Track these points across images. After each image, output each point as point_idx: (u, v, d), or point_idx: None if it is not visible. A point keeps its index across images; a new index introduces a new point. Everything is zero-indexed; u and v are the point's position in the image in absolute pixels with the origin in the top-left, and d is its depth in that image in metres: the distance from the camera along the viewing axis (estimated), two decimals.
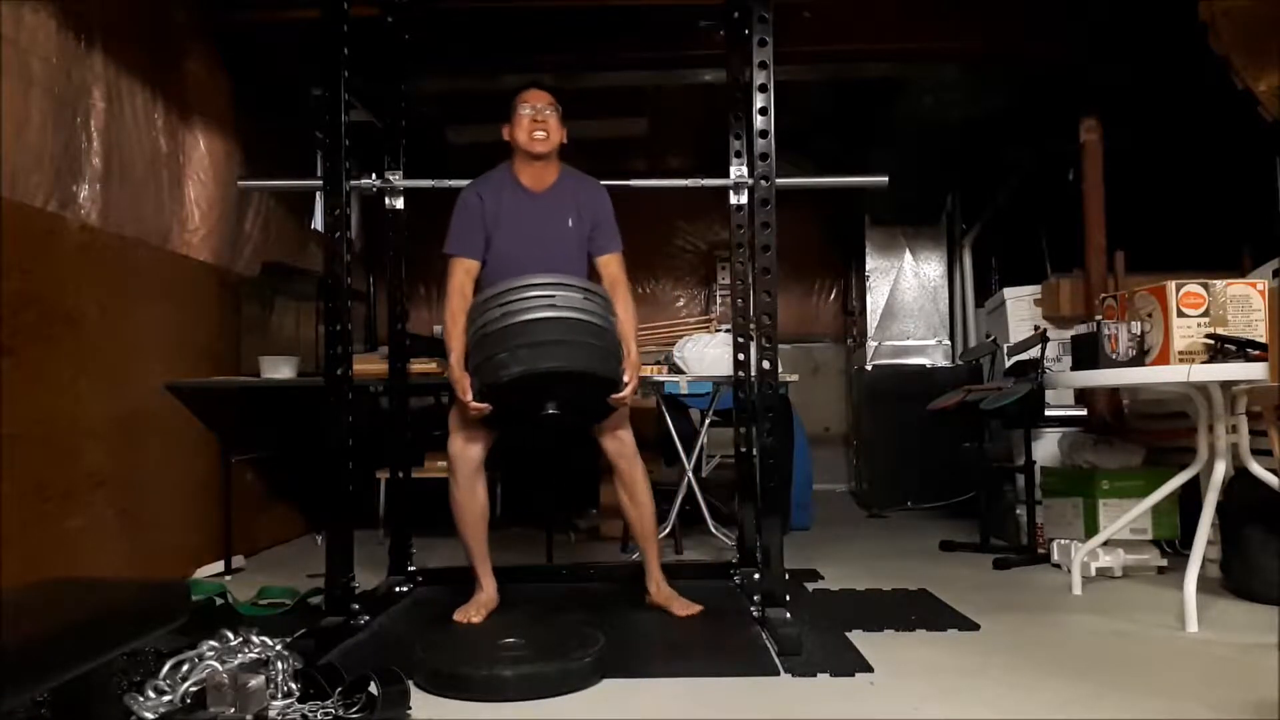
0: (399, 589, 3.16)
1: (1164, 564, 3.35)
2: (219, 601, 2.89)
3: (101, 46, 3.15)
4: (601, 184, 2.94)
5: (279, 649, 1.98)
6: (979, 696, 2.08)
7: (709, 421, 4.22)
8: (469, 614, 2.77)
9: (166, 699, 1.86)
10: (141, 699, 1.84)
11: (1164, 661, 2.35)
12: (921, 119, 4.81)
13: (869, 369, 5.69)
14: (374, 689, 1.91)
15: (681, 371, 3.72)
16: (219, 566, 3.68)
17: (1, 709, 1.43)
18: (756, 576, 2.90)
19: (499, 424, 2.74)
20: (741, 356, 3.25)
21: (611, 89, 4.76)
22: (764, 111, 2.70)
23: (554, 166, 2.89)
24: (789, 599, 2.64)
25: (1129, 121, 4.19)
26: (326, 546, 2.71)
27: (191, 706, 1.86)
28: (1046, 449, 3.96)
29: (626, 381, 2.67)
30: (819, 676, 2.22)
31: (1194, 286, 2.80)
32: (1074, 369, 3.22)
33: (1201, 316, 2.78)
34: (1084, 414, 4.03)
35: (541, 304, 2.55)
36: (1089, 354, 3.02)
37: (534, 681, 2.13)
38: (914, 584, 3.21)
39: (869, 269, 5.79)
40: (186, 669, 1.90)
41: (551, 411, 2.59)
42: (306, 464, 3.96)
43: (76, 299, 2.99)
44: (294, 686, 1.95)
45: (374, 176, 3.14)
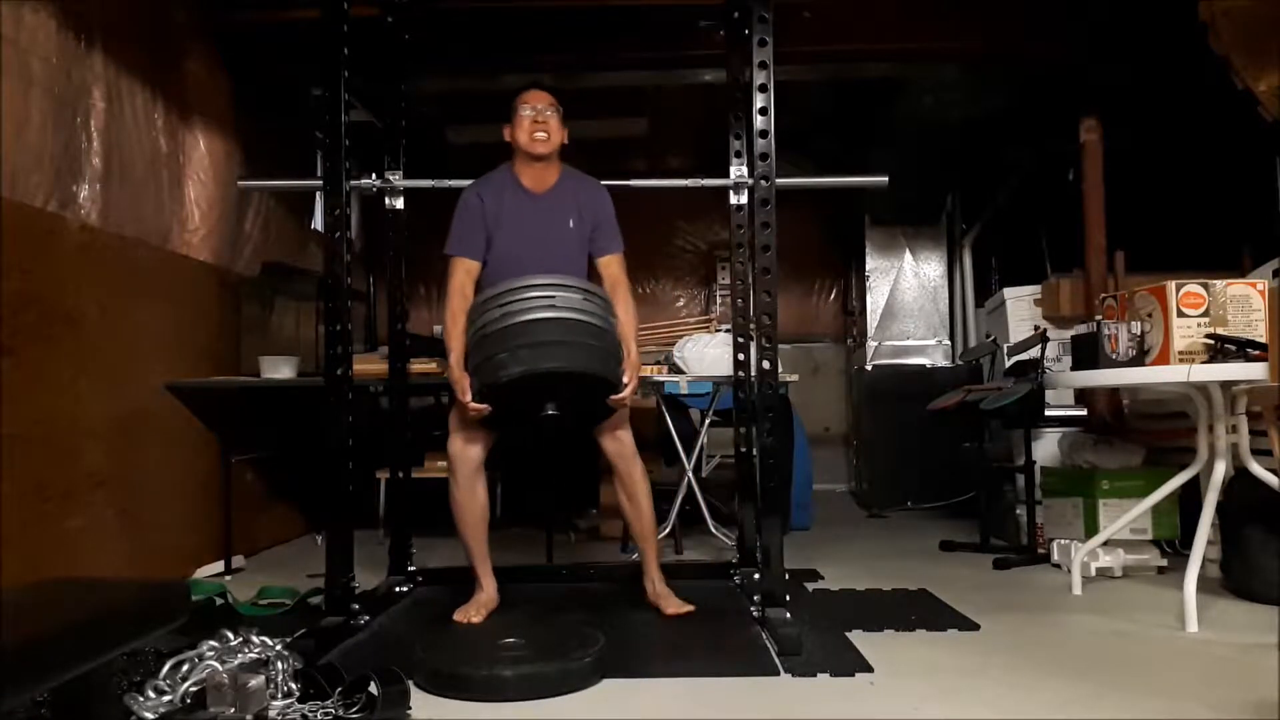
0: (399, 589, 3.16)
1: (1164, 564, 3.35)
2: (219, 601, 2.89)
3: (101, 46, 3.15)
4: (603, 185, 2.94)
5: (279, 649, 1.98)
6: (979, 696, 2.08)
7: (709, 421, 4.22)
8: (469, 614, 2.77)
9: (166, 699, 1.86)
10: (141, 699, 1.84)
11: (1164, 661, 2.35)
12: (921, 119, 4.81)
13: (869, 369, 5.69)
14: (374, 689, 1.91)
15: (681, 371, 3.72)
16: (219, 566, 3.68)
17: (1, 709, 1.43)
18: (756, 576, 2.90)
19: (499, 424, 2.74)
20: (741, 356, 3.25)
21: (611, 89, 4.76)
22: (764, 111, 2.70)
23: (555, 167, 2.89)
24: (789, 599, 2.64)
25: (1129, 121, 4.19)
26: (326, 546, 2.71)
27: (191, 706, 1.86)
28: (1046, 449, 3.96)
29: (626, 382, 2.67)
30: (819, 676, 2.22)
31: (1194, 286, 2.80)
32: (1074, 369, 3.22)
33: (1201, 316, 2.78)
34: (1084, 414, 4.02)
35: (541, 304, 2.55)
36: (1089, 354, 3.02)
37: (534, 681, 2.13)
38: (914, 584, 3.21)
39: (869, 269, 5.79)
40: (186, 669, 1.90)
41: (551, 412, 2.59)
42: (306, 464, 3.96)
43: (76, 299, 2.99)
44: (294, 686, 1.95)
45: (374, 176, 3.14)
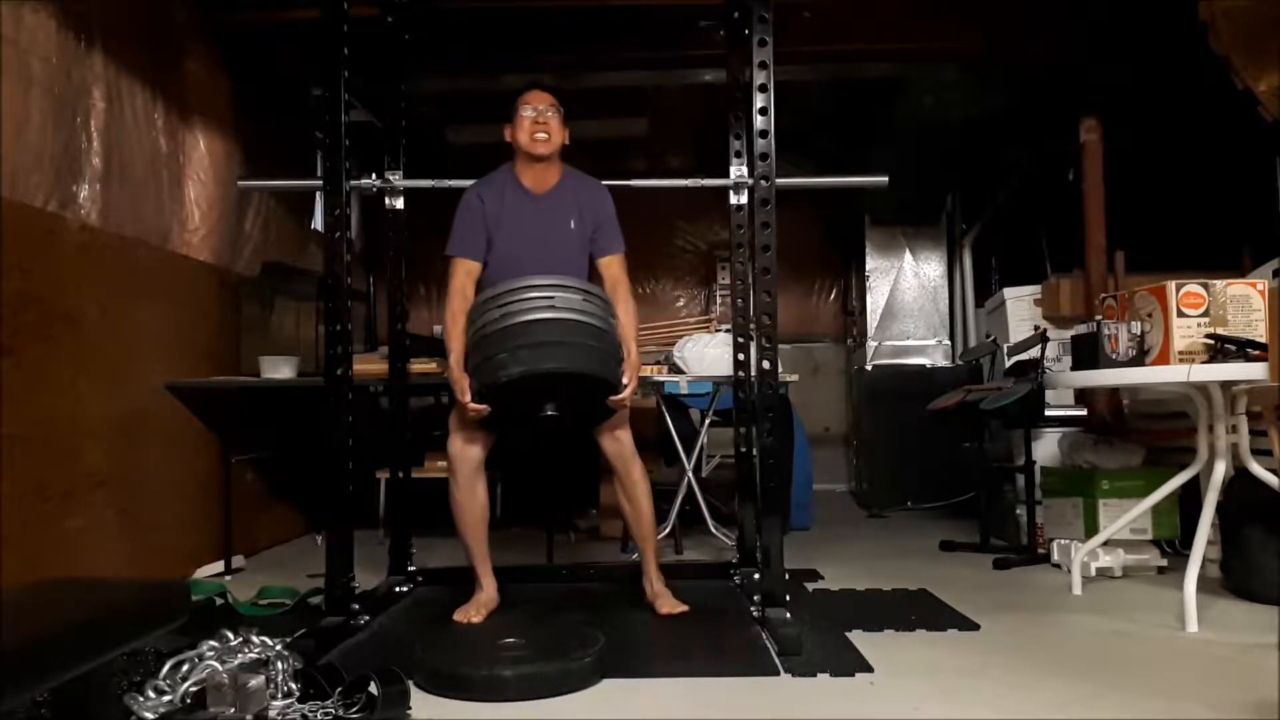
0: (399, 589, 3.16)
1: (1164, 564, 3.35)
2: (219, 601, 2.89)
3: (101, 46, 3.15)
4: (604, 185, 2.93)
5: (279, 649, 1.98)
6: (979, 696, 2.08)
7: (709, 421, 4.22)
8: (469, 614, 2.77)
9: (166, 699, 1.86)
10: (141, 699, 1.84)
11: (1164, 661, 2.35)
12: (921, 119, 4.81)
13: (869, 369, 5.69)
14: (374, 689, 1.91)
15: (681, 371, 3.72)
16: (219, 566, 3.68)
17: (1, 709, 1.43)
18: (756, 576, 2.90)
19: (498, 425, 2.74)
20: (741, 356, 3.25)
21: (611, 89, 4.76)
22: (764, 111, 2.70)
23: (556, 168, 2.88)
24: (789, 599, 2.64)
25: (1129, 121, 4.19)
26: (326, 546, 2.71)
27: (191, 706, 1.86)
28: (1046, 449, 3.96)
29: (625, 383, 2.67)
30: (819, 676, 2.22)
31: (1194, 286, 2.80)
32: (1074, 369, 3.22)
33: (1201, 316, 2.78)
34: (1084, 414, 4.02)
35: (541, 305, 2.55)
36: (1089, 354, 3.02)
37: (534, 681, 2.13)
38: (914, 584, 3.21)
39: (869, 269, 5.79)
40: (186, 669, 1.90)
41: (550, 413, 2.58)
42: (306, 464, 3.96)
43: (76, 299, 2.99)
44: (294, 686, 1.95)
45: (374, 176, 3.14)
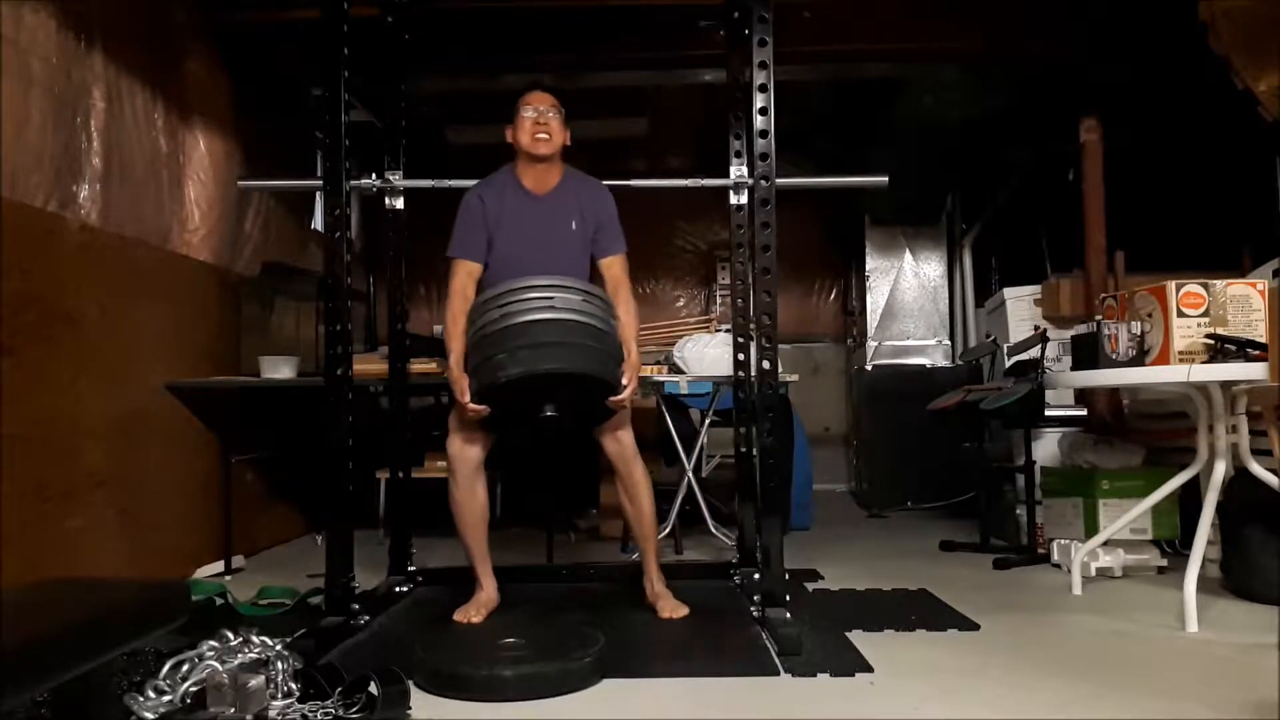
0: (399, 589, 3.16)
1: (1164, 564, 3.35)
2: (219, 601, 2.89)
3: (101, 46, 3.15)
4: (605, 186, 2.93)
5: (279, 649, 1.98)
6: (979, 696, 2.08)
7: (709, 421, 4.22)
8: (469, 614, 2.77)
9: (166, 699, 1.86)
10: (141, 699, 1.84)
11: (1164, 661, 2.35)
12: (921, 119, 4.81)
13: (869, 369, 5.69)
14: (374, 689, 1.91)
15: (681, 371, 3.72)
16: (219, 566, 3.68)
17: (1, 709, 1.43)
18: (756, 576, 2.90)
19: (498, 425, 2.74)
20: (741, 356, 3.25)
21: (611, 89, 4.75)
22: (764, 111, 2.70)
23: (557, 168, 2.88)
24: (789, 599, 2.64)
25: (1129, 121, 4.19)
26: (326, 546, 2.71)
27: (191, 706, 1.86)
28: (1046, 449, 3.96)
29: (625, 384, 2.66)
30: (819, 676, 2.22)
31: (1194, 286, 2.80)
32: (1074, 369, 3.22)
33: (1201, 316, 2.78)
34: (1084, 414, 4.02)
35: (540, 306, 2.55)
36: (1089, 354, 3.02)
37: (534, 681, 2.13)
38: (914, 584, 3.21)
39: (869, 269, 5.79)
40: (186, 669, 1.90)
41: (550, 413, 2.58)
42: (306, 464, 3.96)
43: (76, 299, 2.99)
44: (294, 686, 1.95)
45: (374, 176, 3.14)
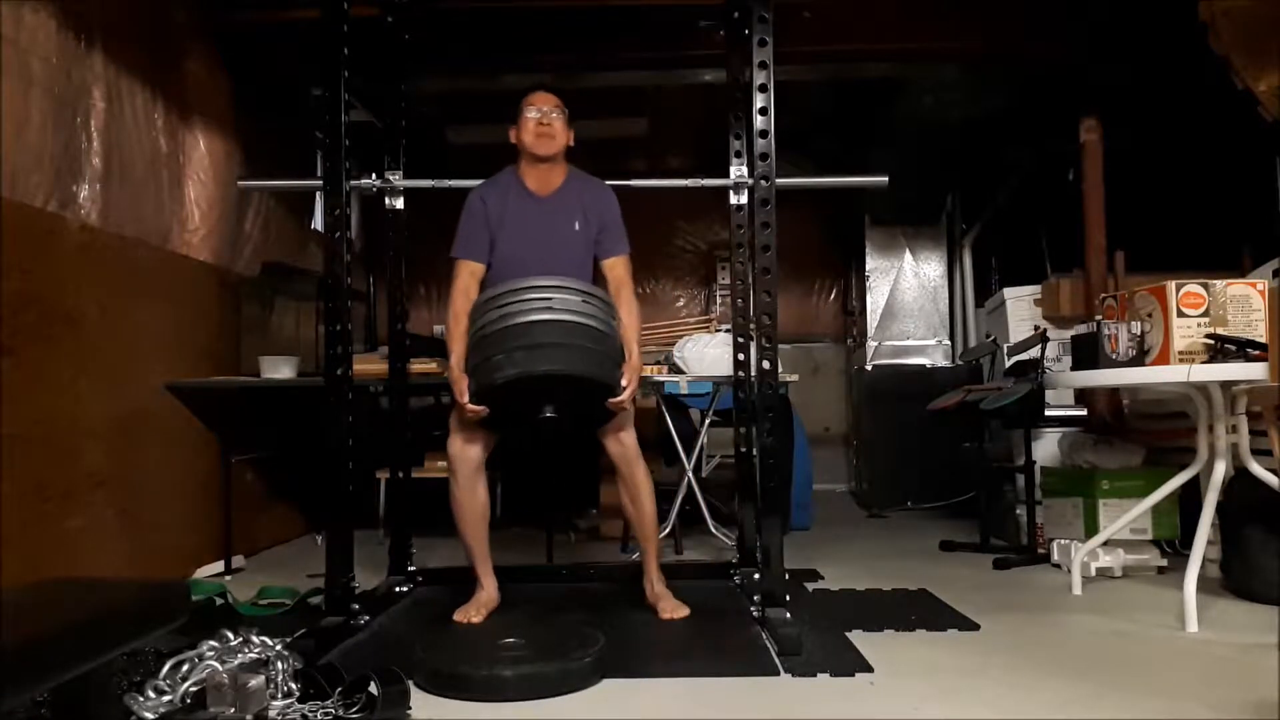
0: (399, 589, 3.16)
1: (1164, 564, 3.35)
2: (219, 601, 2.89)
3: (101, 46, 3.15)
4: (609, 186, 2.92)
5: (279, 649, 1.98)
6: (979, 696, 2.08)
7: (709, 421, 4.22)
8: (469, 614, 2.77)
9: (166, 699, 1.86)
10: (141, 699, 1.84)
11: (1164, 661, 2.35)
12: (921, 119, 4.81)
13: (869, 369, 5.69)
14: (374, 689, 1.91)
15: (681, 371, 3.72)
16: (219, 566, 3.68)
17: (1, 709, 1.43)
18: (756, 576, 2.90)
19: (498, 425, 2.73)
20: (741, 356, 3.24)
21: (611, 89, 4.75)
22: (764, 111, 2.70)
23: (560, 169, 2.88)
24: (789, 599, 2.64)
25: (1129, 121, 4.19)
26: (326, 546, 2.71)
27: (191, 706, 1.86)
28: (1046, 449, 3.96)
29: (625, 385, 2.65)
30: (819, 676, 2.22)
31: (1194, 286, 2.80)
32: (1074, 369, 3.22)
33: (1201, 316, 2.78)
34: (1084, 414, 4.02)
35: (539, 306, 2.54)
36: (1089, 354, 3.02)
37: (534, 681, 2.13)
38: (914, 584, 3.21)
39: (869, 269, 5.79)
40: (186, 669, 1.90)
41: (549, 414, 2.58)
42: (306, 464, 3.95)
43: (76, 299, 2.99)
44: (294, 686, 1.95)
45: (374, 176, 3.13)
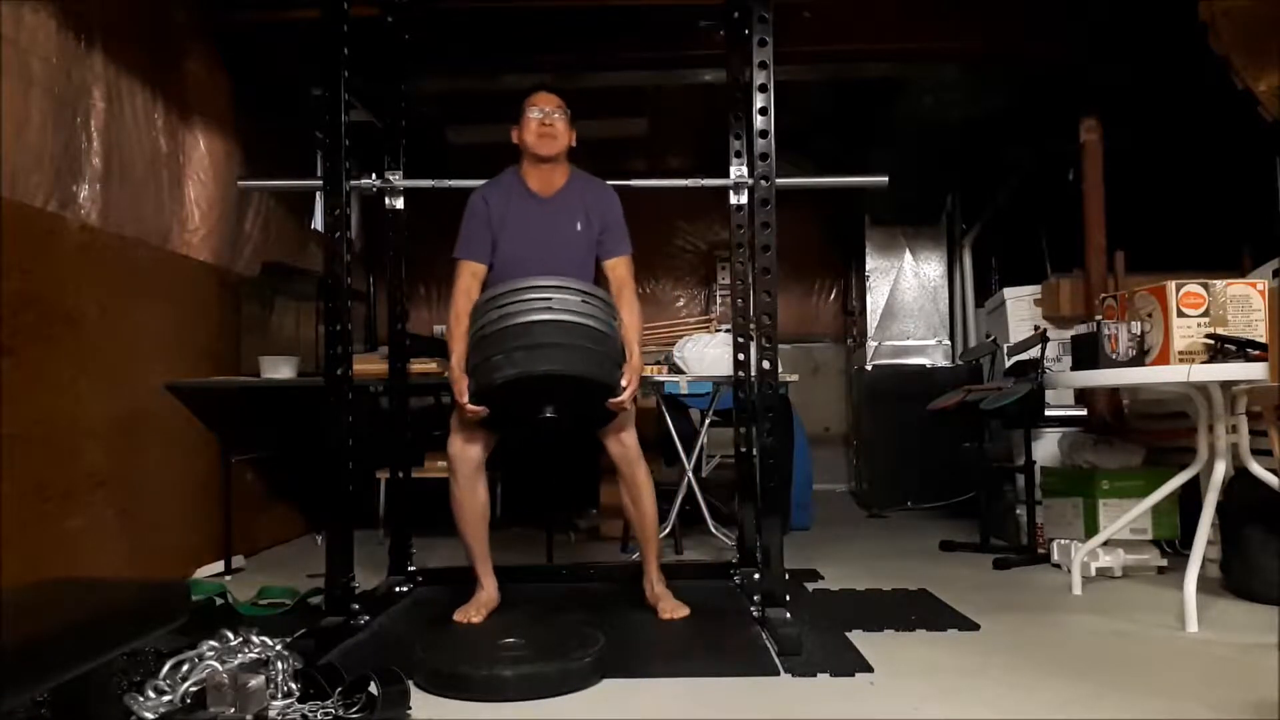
0: (399, 589, 3.16)
1: (1164, 564, 3.35)
2: (219, 601, 2.89)
3: (101, 46, 3.15)
4: (611, 187, 2.92)
5: (279, 649, 1.98)
6: (979, 696, 2.08)
7: (709, 421, 4.22)
8: (469, 614, 2.77)
9: (166, 699, 1.86)
10: (141, 699, 1.84)
11: (1164, 661, 2.35)
12: (921, 119, 4.81)
13: (869, 369, 5.69)
14: (374, 689, 1.91)
15: (681, 371, 3.72)
16: (219, 566, 3.68)
17: (1, 709, 1.43)
18: (756, 576, 2.90)
19: (498, 426, 2.73)
20: (741, 356, 3.24)
21: (611, 89, 4.75)
22: (764, 111, 2.70)
23: (563, 169, 2.88)
24: (789, 599, 2.64)
25: (1129, 121, 4.19)
26: (326, 546, 2.71)
27: (191, 706, 1.86)
28: (1046, 449, 3.96)
29: (625, 385, 2.65)
30: (819, 676, 2.22)
31: (1194, 286, 2.80)
32: (1074, 369, 3.22)
33: (1201, 316, 2.78)
34: (1084, 414, 4.02)
35: (538, 306, 2.54)
36: (1089, 354, 3.02)
37: (534, 681, 2.13)
38: (914, 584, 3.21)
39: (869, 269, 5.79)
40: (186, 669, 1.90)
41: (549, 415, 2.58)
42: (306, 464, 3.95)
43: (76, 299, 2.99)
44: (294, 686, 1.95)
45: (374, 176, 3.13)
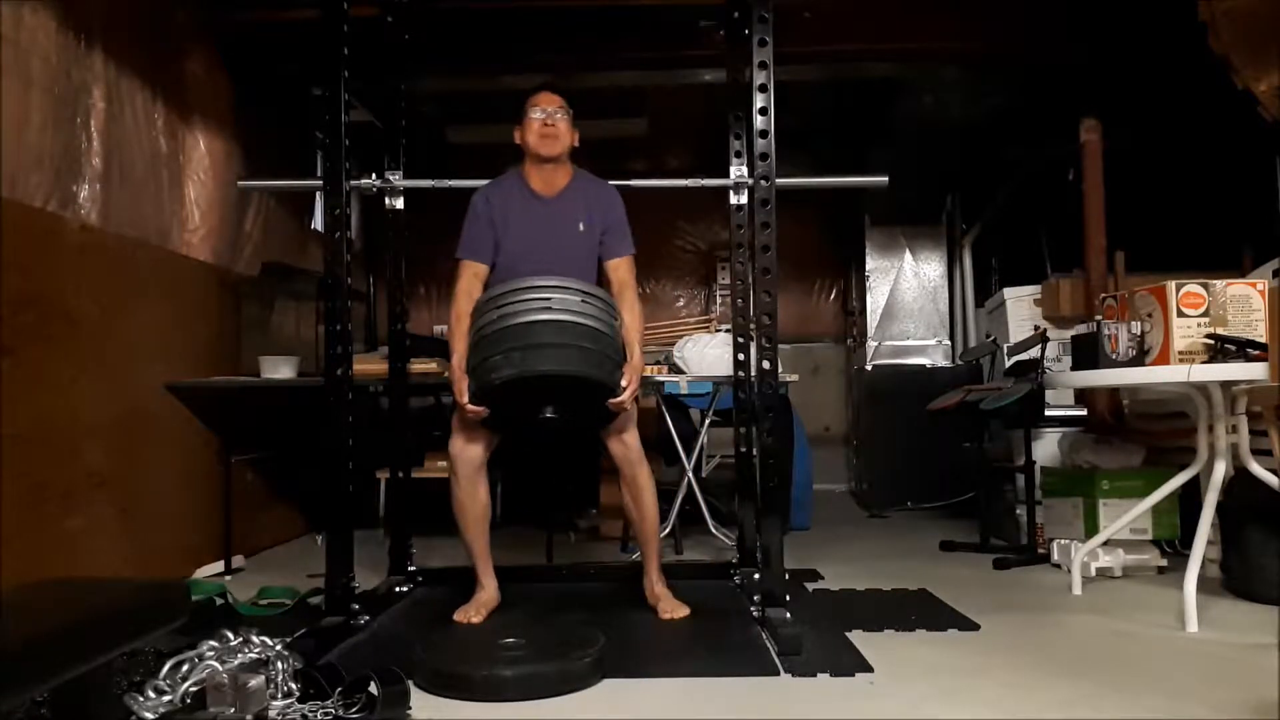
0: (399, 589, 3.16)
1: (1164, 564, 3.35)
2: (219, 601, 2.89)
3: (101, 46, 3.15)
4: (614, 187, 2.91)
5: (279, 649, 1.98)
6: (979, 696, 2.08)
7: (709, 421, 4.22)
8: (469, 614, 2.77)
9: (166, 699, 1.86)
10: (141, 699, 1.84)
11: (1164, 661, 2.35)
12: (921, 119, 4.82)
13: (869, 369, 5.69)
14: (374, 689, 1.91)
15: (681, 371, 3.72)
16: (219, 566, 3.68)
17: (1, 709, 1.43)
18: (756, 576, 2.90)
19: (499, 426, 2.74)
20: (741, 356, 3.24)
21: (611, 89, 4.75)
22: (764, 111, 2.70)
23: (565, 170, 2.87)
24: (789, 599, 2.64)
25: (1129, 121, 4.19)
26: (326, 546, 2.71)
27: (191, 706, 1.86)
28: (1046, 449, 3.95)
29: (625, 385, 2.64)
30: (819, 676, 2.22)
31: (1194, 286, 2.80)
32: (1074, 369, 3.22)
33: (1201, 316, 2.78)
34: (1084, 414, 4.02)
35: (537, 306, 2.54)
36: (1089, 354, 3.02)
37: (534, 681, 2.13)
38: (914, 584, 3.21)
39: (869, 269, 5.79)
40: (186, 669, 1.91)
41: (549, 415, 2.58)
42: (306, 464, 3.96)
43: (76, 299, 2.99)
44: (294, 686, 1.95)
45: (374, 176, 3.13)
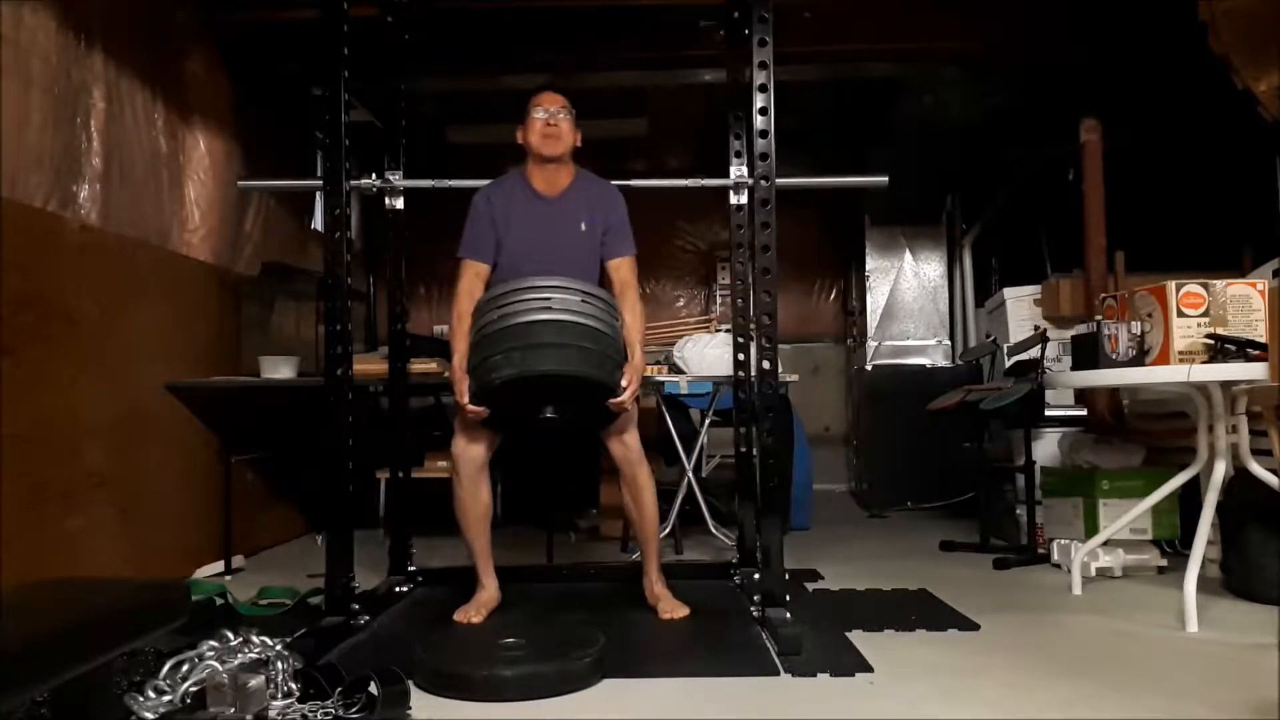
0: (399, 589, 3.16)
1: (1164, 564, 3.35)
2: (219, 601, 2.89)
3: (101, 46, 3.16)
4: (616, 188, 2.91)
5: (279, 649, 1.98)
6: (979, 696, 2.08)
7: (709, 421, 4.22)
8: (469, 614, 2.77)
9: (166, 699, 1.86)
10: (141, 699, 1.84)
11: (1164, 661, 2.35)
12: (921, 119, 4.82)
13: (869, 369, 5.69)
14: (374, 689, 1.91)
15: (681, 371, 3.72)
16: (219, 566, 3.68)
17: (1, 709, 1.43)
18: (756, 576, 2.90)
19: (500, 426, 2.74)
20: (741, 356, 3.24)
21: (611, 89, 4.75)
22: (764, 111, 2.70)
23: (567, 170, 2.87)
24: (789, 599, 2.64)
25: (1129, 121, 4.19)
26: (326, 546, 2.71)
27: (191, 706, 1.86)
28: (1046, 449, 3.96)
29: (625, 385, 2.64)
30: (819, 676, 2.22)
31: (1194, 286, 2.80)
32: (1074, 369, 3.22)
33: (1201, 316, 2.78)
34: (1084, 414, 4.02)
35: (537, 306, 2.54)
36: (1089, 354, 3.02)
37: (534, 681, 2.13)
38: (914, 584, 3.21)
39: (869, 269, 5.79)
40: (186, 669, 1.90)
41: (549, 415, 2.58)
42: (306, 464, 3.96)
43: (76, 299, 2.99)
44: (294, 686, 1.95)
45: (374, 176, 3.13)
